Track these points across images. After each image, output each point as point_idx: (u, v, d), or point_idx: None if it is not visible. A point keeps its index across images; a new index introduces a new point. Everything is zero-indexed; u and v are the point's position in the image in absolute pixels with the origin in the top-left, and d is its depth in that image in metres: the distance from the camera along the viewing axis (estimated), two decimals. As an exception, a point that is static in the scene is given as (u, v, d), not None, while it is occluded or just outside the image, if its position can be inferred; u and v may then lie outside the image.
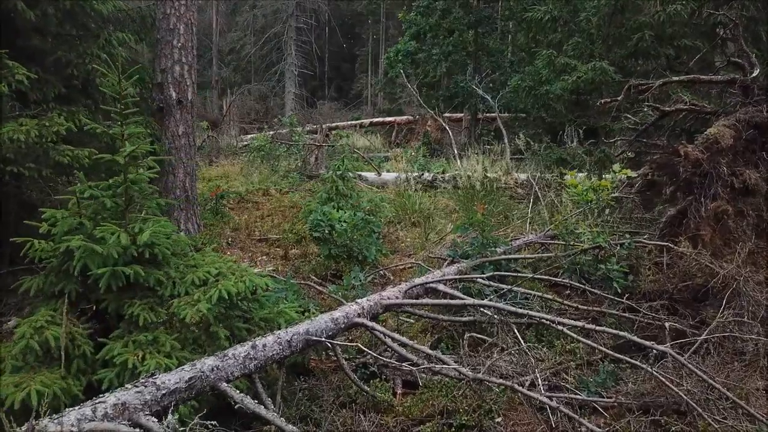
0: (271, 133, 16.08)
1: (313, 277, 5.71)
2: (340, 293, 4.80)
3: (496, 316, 3.93)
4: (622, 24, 8.60)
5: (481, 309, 3.96)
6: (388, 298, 3.87)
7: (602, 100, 6.62)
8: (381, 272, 5.84)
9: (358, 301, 3.72)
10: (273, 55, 32.76)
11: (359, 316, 3.56)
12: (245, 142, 17.72)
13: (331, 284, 5.65)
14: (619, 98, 6.06)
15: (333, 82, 40.75)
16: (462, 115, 19.45)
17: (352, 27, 42.47)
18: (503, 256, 4.85)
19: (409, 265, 6.22)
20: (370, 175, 11.65)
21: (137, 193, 3.79)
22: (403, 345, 3.36)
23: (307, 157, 13.68)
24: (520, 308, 3.68)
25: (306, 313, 4.00)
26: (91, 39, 5.96)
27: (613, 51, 8.38)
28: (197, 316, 3.30)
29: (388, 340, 3.44)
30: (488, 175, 9.44)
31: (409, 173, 10.45)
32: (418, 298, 4.16)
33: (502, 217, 8.09)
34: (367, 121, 24.09)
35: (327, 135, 16.91)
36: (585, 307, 4.30)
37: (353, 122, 23.23)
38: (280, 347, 3.08)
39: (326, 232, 5.55)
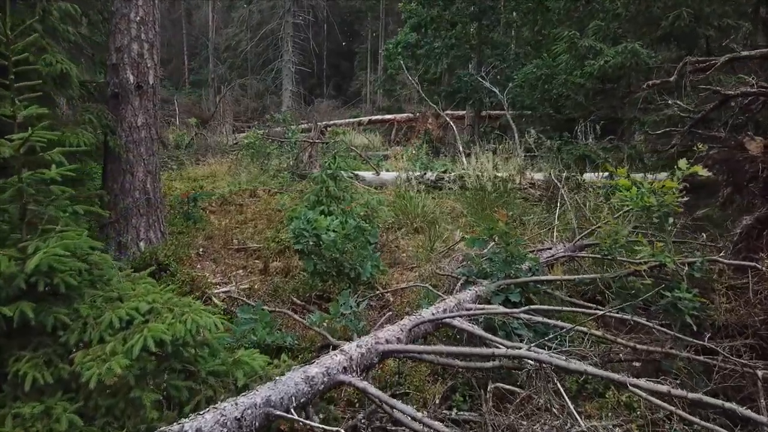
0: (261, 132, 15.02)
1: (295, 299, 4.67)
2: (325, 324, 3.76)
3: (531, 361, 2.89)
4: (649, 3, 7.58)
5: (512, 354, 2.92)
6: (387, 342, 2.83)
7: (649, 82, 5.59)
8: (378, 293, 4.79)
9: (345, 348, 2.68)
10: (269, 52, 31.85)
11: (345, 371, 2.53)
12: (235, 141, 16.77)
13: (316, 308, 4.61)
14: (671, 79, 5.02)
15: (331, 80, 39.84)
16: (464, 112, 18.45)
17: (351, 24, 41.57)
18: (532, 278, 3.82)
19: (412, 282, 5.19)
20: (368, 175, 10.62)
21: (41, 197, 2.75)
22: (410, 416, 2.32)
23: (300, 155, 12.66)
24: (573, 361, 2.63)
25: (275, 361, 2.96)
26: (26, 11, 4.93)
27: (642, 34, 7.36)
28: (109, 377, 2.28)
29: (387, 408, 2.41)
30: (499, 174, 8.42)
31: (411, 172, 9.41)
32: (426, 338, 3.13)
33: (517, 222, 7.06)
34: (365, 119, 23.12)
35: (322, 132, 15.92)
36: (644, 347, 3.27)
37: (351, 120, 22.25)
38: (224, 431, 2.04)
39: (311, 243, 4.51)
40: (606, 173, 7.90)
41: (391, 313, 4.19)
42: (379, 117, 23.32)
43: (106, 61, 5.54)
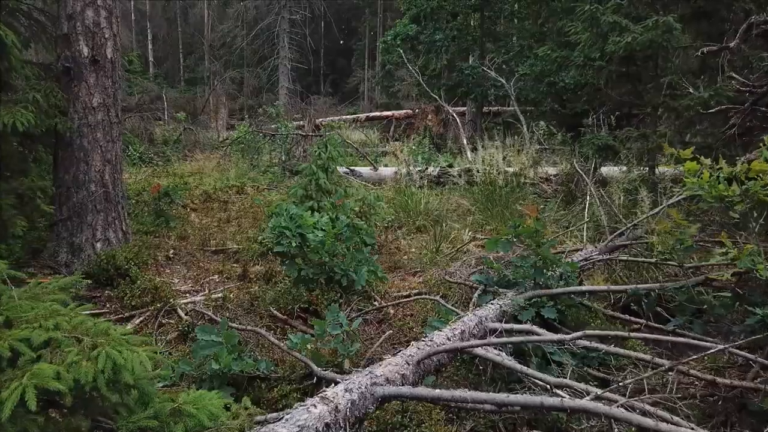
0: (251, 125, 14.28)
1: (276, 312, 3.86)
2: (308, 348, 2.96)
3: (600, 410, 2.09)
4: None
5: (557, 392, 2.13)
6: (387, 381, 2.04)
7: (704, 49, 4.80)
8: (377, 306, 3.97)
9: (329, 394, 1.88)
10: (265, 48, 31.19)
11: (328, 428, 1.73)
12: (226, 137, 16.04)
13: (300, 322, 3.81)
14: (731, 45, 4.23)
15: (328, 78, 39.24)
16: (464, 109, 17.69)
17: (349, 21, 40.97)
18: (572, 288, 3.03)
19: (416, 291, 4.39)
20: (365, 170, 9.86)
21: None
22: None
23: (293, 150, 11.89)
24: (654, 412, 1.82)
25: (234, 406, 2.15)
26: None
27: (669, 12, 6.58)
28: (-42, 454, 1.48)
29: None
30: (508, 168, 7.63)
31: (411, 167, 8.61)
32: (438, 372, 2.33)
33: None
34: (363, 115, 22.44)
35: (317, 127, 15.16)
36: (725, 381, 2.48)
37: (348, 117, 21.52)
38: None
39: (294, 245, 3.71)
40: (624, 167, 7.13)
41: (391, 331, 3.39)
42: (376, 113, 22.67)
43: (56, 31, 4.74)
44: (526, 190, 7.09)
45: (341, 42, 39.84)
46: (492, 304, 2.92)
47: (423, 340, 2.39)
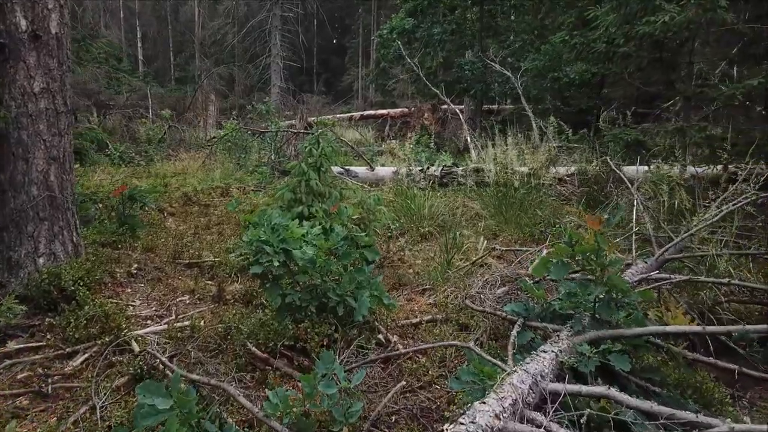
0: (237, 122, 13.48)
1: (255, 349, 3.04)
2: (294, 412, 2.15)
3: None
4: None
5: None
6: None
7: None
8: (381, 336, 3.17)
9: None
10: (257, 46, 30.48)
11: None
12: (213, 135, 15.22)
13: (285, 362, 2.99)
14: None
15: (321, 77, 38.55)
16: (462, 107, 16.92)
17: (342, 19, 40.32)
18: (648, 329, 2.23)
19: (428, 317, 3.58)
20: (361, 170, 9.06)
21: None
22: None
23: (283, 148, 11.07)
24: None
25: None
26: None
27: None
28: None
29: None
30: (521, 168, 6.85)
31: (412, 166, 7.81)
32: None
33: (555, 226, 5.50)
34: (357, 114, 21.74)
35: (309, 125, 14.37)
36: None
37: (342, 115, 20.77)
38: None
39: (276, 264, 2.90)
40: (648, 166, 6.40)
41: (404, 382, 2.57)
42: (371, 112, 21.99)
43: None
44: (544, 192, 6.31)
45: (335, 40, 39.20)
46: (545, 352, 2.12)
47: (462, 423, 1.59)
